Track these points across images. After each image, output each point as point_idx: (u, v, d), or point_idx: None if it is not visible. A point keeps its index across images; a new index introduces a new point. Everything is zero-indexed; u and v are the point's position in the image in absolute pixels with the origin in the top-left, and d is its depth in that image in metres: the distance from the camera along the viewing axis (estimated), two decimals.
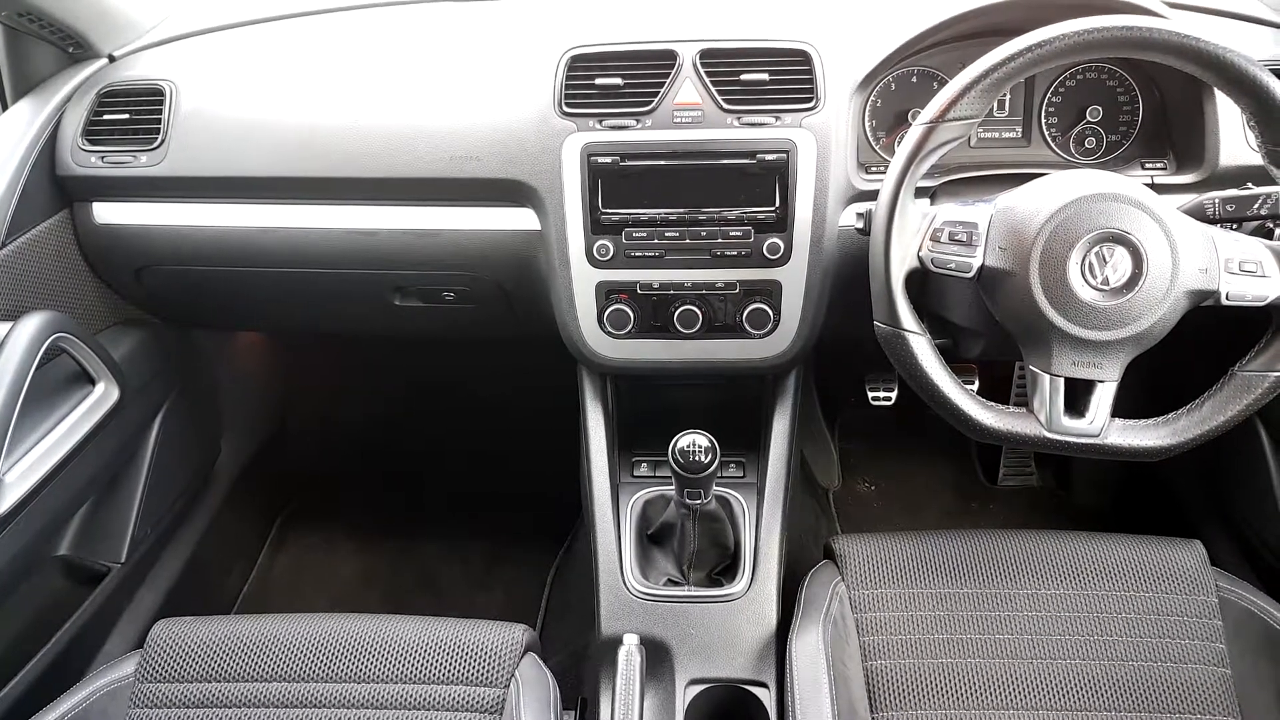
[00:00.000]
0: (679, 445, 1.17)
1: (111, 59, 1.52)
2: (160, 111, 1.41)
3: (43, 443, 1.31)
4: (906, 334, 1.09)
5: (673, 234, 1.30)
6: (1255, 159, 1.25)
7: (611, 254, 1.30)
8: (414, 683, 1.13)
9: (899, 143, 1.10)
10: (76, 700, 1.12)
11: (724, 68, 1.29)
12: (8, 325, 1.24)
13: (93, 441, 1.39)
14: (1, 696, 1.36)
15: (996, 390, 2.06)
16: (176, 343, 1.75)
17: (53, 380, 1.36)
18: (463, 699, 1.11)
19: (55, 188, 1.44)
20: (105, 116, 1.43)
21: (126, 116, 1.43)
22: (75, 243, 1.49)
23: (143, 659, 1.16)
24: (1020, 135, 1.38)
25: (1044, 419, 1.08)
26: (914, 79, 1.36)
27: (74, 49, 1.50)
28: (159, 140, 1.40)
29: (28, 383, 1.22)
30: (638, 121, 1.28)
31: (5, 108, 1.51)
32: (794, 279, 1.31)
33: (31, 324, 1.25)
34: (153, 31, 1.56)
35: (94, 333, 1.49)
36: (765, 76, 1.28)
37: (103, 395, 1.42)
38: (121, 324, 1.61)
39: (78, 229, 1.48)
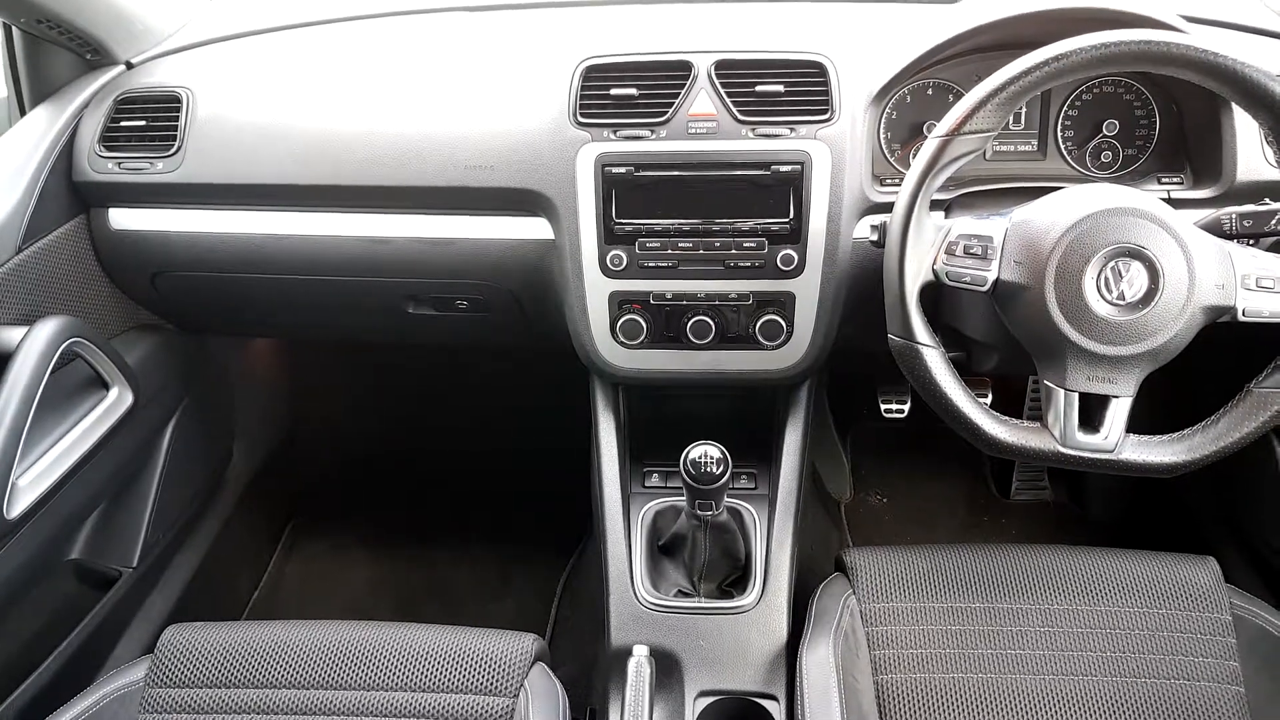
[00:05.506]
0: (690, 456, 1.16)
1: (129, 66, 1.53)
2: (177, 118, 1.42)
3: (56, 447, 1.32)
4: (920, 347, 1.09)
5: (686, 244, 1.30)
6: (1273, 174, 1.25)
7: (625, 264, 1.30)
8: (423, 691, 1.13)
9: (914, 155, 1.10)
10: (87, 704, 1.12)
11: (739, 79, 1.29)
12: (23, 330, 1.25)
13: (106, 446, 1.40)
14: (12, 700, 1.36)
15: (1010, 404, 2.06)
16: (190, 348, 1.76)
17: (67, 385, 1.37)
18: (472, 708, 1.11)
19: (72, 193, 1.45)
20: (122, 123, 1.44)
21: (143, 123, 1.43)
22: (91, 248, 1.50)
23: (153, 664, 1.16)
24: (1036, 148, 1.38)
25: (1058, 434, 1.07)
26: (929, 91, 1.35)
27: (92, 56, 1.51)
28: (175, 147, 1.41)
29: (42, 387, 1.22)
30: (652, 132, 1.28)
31: (23, 113, 1.52)
32: (807, 291, 1.30)
33: (47, 329, 1.25)
34: (170, 39, 1.57)
35: (109, 338, 1.49)
36: (780, 88, 1.28)
37: (117, 400, 1.42)
38: (136, 329, 1.62)
39: (94, 235, 1.49)
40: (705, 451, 1.16)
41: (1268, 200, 1.13)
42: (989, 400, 1.40)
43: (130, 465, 1.60)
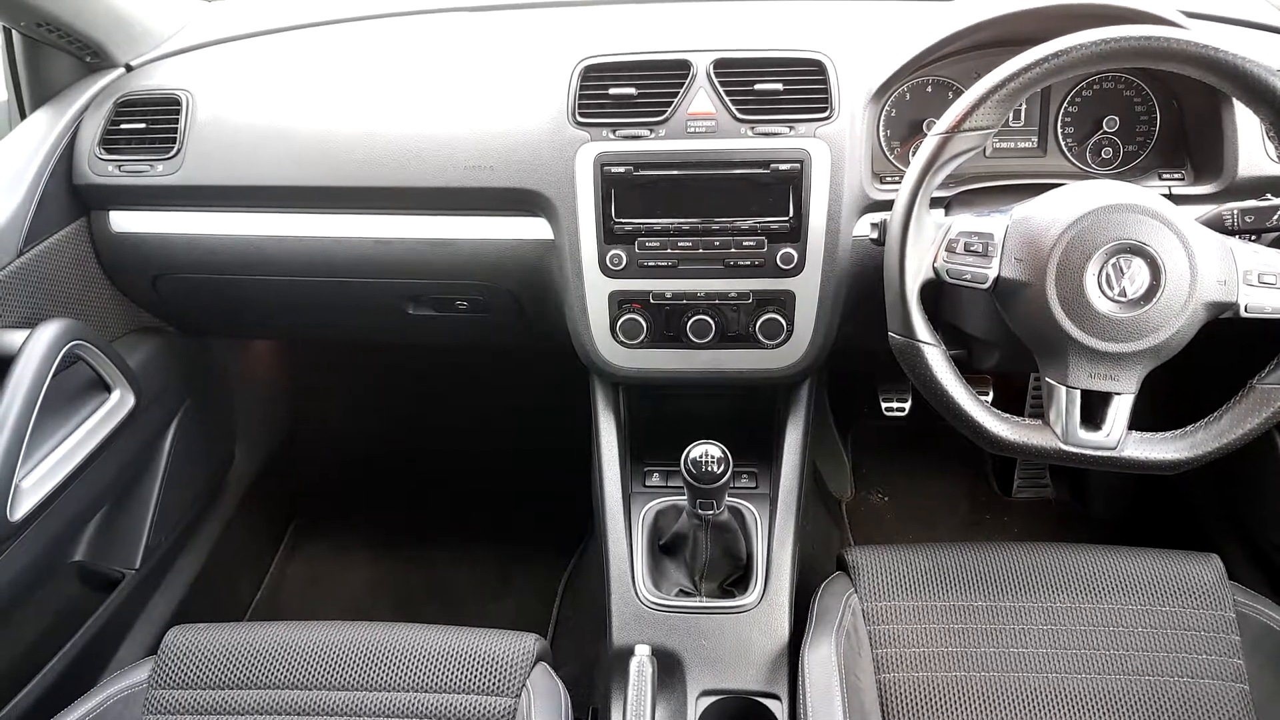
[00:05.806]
0: (691, 455, 1.16)
1: (129, 68, 1.53)
2: (177, 120, 1.42)
3: (59, 449, 1.32)
4: (921, 345, 1.09)
5: (686, 244, 1.29)
6: (1274, 169, 1.25)
7: (624, 263, 1.30)
8: (425, 691, 1.13)
9: (914, 153, 1.10)
10: (90, 706, 1.12)
11: (738, 77, 1.28)
12: (25, 332, 1.25)
13: (108, 449, 1.40)
14: (16, 702, 1.37)
15: (1011, 402, 2.05)
16: (191, 351, 1.76)
17: (69, 387, 1.37)
18: (474, 708, 1.11)
19: (72, 196, 1.45)
20: (122, 125, 1.45)
21: (143, 125, 1.44)
22: (92, 251, 1.50)
23: (156, 665, 1.16)
24: (1036, 145, 1.38)
25: (1060, 431, 1.07)
26: (929, 89, 1.35)
27: (91, 59, 1.51)
28: (175, 149, 1.41)
29: (44, 390, 1.22)
30: (651, 131, 1.28)
31: (23, 117, 1.52)
32: (807, 289, 1.30)
33: (49, 331, 1.26)
34: (170, 41, 1.57)
35: (110, 340, 1.49)
36: (779, 86, 1.28)
37: (118, 403, 1.42)
38: (137, 332, 1.62)
39: (95, 237, 1.49)
40: (706, 451, 1.16)
41: (1269, 196, 1.12)
42: (990, 398, 1.39)
43: (132, 467, 1.60)
